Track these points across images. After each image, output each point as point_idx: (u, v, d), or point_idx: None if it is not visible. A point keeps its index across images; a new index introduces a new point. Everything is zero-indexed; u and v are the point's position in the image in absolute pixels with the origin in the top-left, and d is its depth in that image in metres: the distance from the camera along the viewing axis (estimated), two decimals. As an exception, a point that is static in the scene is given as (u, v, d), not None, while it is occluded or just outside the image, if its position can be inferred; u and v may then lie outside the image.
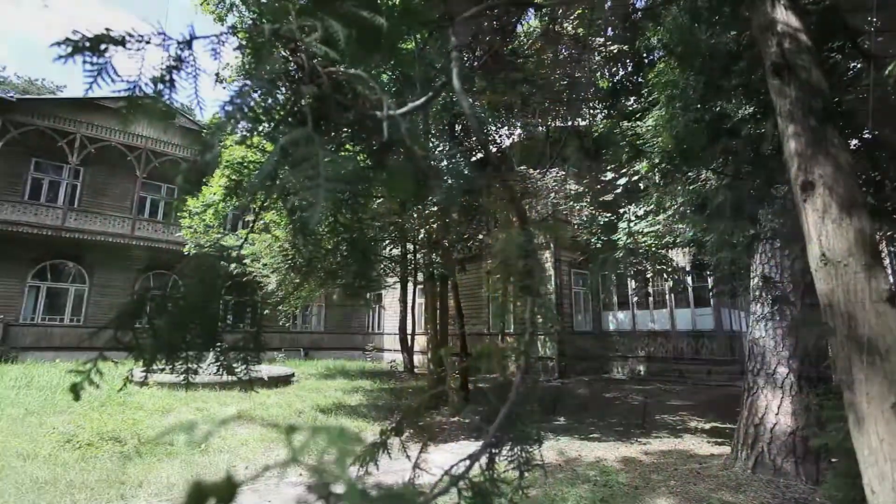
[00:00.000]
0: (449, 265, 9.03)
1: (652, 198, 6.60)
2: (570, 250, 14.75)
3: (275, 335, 19.17)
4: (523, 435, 1.16)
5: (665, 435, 6.79)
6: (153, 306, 0.75)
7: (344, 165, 0.55)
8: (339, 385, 11.60)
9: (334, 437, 0.39)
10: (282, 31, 0.70)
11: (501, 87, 3.96)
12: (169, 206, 19.17)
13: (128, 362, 0.70)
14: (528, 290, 1.05)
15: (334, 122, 0.79)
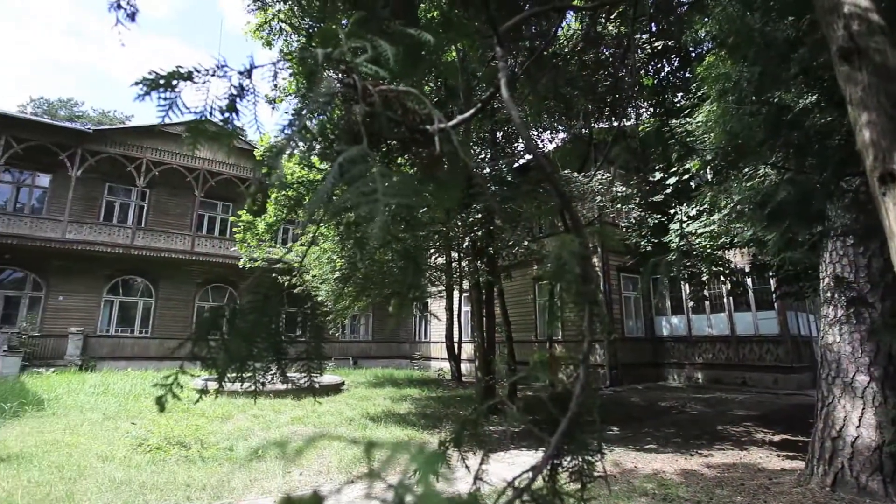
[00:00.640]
0: (494, 272, 8.98)
1: (705, 197, 6.30)
2: (619, 254, 14.31)
3: (325, 344, 19.73)
4: (584, 446, 1.13)
5: (729, 447, 6.40)
6: (224, 321, 0.79)
7: (399, 180, 0.56)
8: (387, 393, 11.75)
9: (416, 457, 0.40)
10: (333, 55, 0.73)
11: (544, 92, 3.93)
12: (224, 222, 20.25)
13: (193, 371, 0.75)
14: (584, 297, 1.03)
15: (385, 137, 0.81)
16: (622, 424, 7.93)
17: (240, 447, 6.13)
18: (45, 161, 16.80)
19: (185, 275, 18.71)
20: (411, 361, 21.76)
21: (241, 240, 12.64)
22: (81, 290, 17.11)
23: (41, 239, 15.75)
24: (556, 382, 1.15)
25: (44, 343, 15.76)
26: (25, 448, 5.88)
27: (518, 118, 0.83)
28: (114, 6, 2.09)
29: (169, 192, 19.21)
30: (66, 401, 9.50)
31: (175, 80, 0.72)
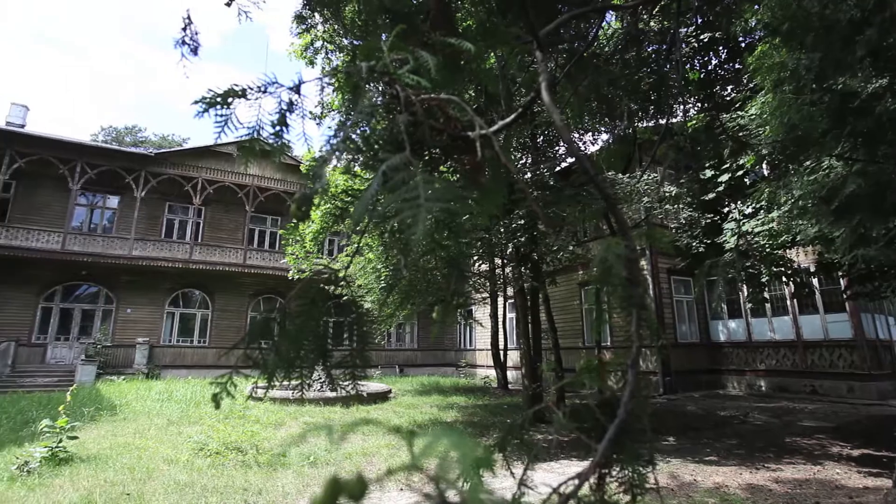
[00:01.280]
0: (539, 278, 8.85)
1: (762, 193, 5.94)
2: (669, 256, 13.74)
3: (371, 353, 20.10)
4: (634, 455, 1.09)
5: (800, 461, 5.95)
6: (274, 327, 0.82)
7: (442, 186, 0.57)
8: (434, 401, 11.78)
9: (455, 443, 0.40)
10: (377, 68, 0.75)
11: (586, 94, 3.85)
12: (273, 236, 21.11)
13: (249, 379, 0.78)
14: (631, 302, 0.99)
15: (428, 145, 0.82)
16: (678, 434, 7.56)
17: (292, 453, 6.32)
18: (114, 184, 18.18)
19: (238, 287, 19.64)
20: (457, 369, 21.74)
21: (289, 252, 13.14)
22: (146, 302, 18.31)
23: (112, 256, 17.00)
24: (604, 389, 1.11)
25: (115, 352, 16.95)
26: (102, 450, 6.33)
27: (560, 122, 0.82)
28: (179, 43, 2.25)
29: (222, 209, 20.29)
30: (136, 406, 10.15)
31: (230, 97, 0.77)
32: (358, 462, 6.15)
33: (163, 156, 18.85)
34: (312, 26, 7.56)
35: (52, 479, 5.11)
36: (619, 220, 1.15)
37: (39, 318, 16.93)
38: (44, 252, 16.10)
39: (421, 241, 0.48)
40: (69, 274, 17.26)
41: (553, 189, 7.28)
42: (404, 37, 0.97)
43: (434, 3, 1.54)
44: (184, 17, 2.24)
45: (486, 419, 9.18)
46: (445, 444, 0.43)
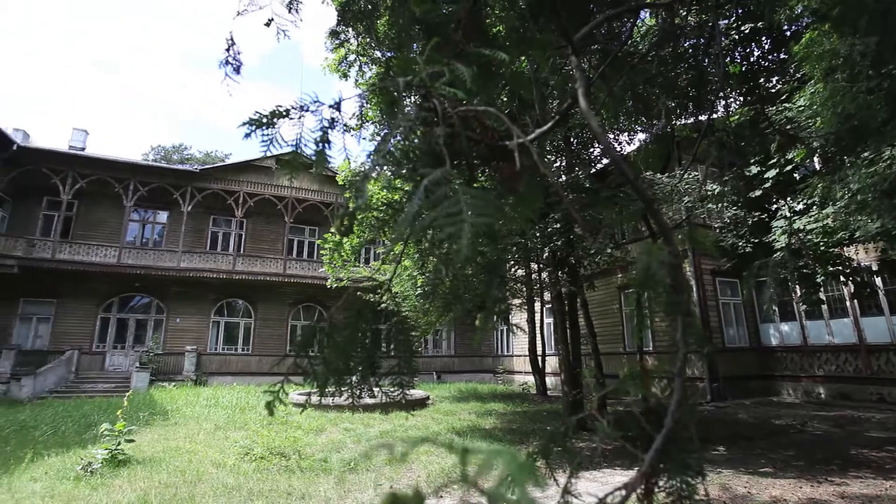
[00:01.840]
0: (576, 282, 8.69)
1: (814, 189, 5.62)
2: (713, 257, 13.19)
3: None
4: (682, 465, 1.05)
5: (868, 474, 5.54)
6: (322, 338, 0.84)
7: (482, 198, 0.57)
8: (472, 408, 11.73)
9: (509, 462, 0.40)
10: (414, 82, 0.77)
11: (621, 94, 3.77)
12: (312, 245, 21.69)
13: (291, 387, 0.81)
14: (676, 309, 0.96)
15: (466, 155, 0.83)
16: (729, 443, 7.20)
17: (333, 459, 6.43)
18: (163, 200, 19.20)
19: (278, 296, 20.27)
20: (494, 375, 21.58)
21: (328, 261, 13.46)
22: (194, 312, 19.17)
23: (162, 268, 17.92)
24: (649, 396, 1.08)
25: (166, 360, 17.80)
26: (155, 453, 6.64)
27: (597, 128, 0.80)
28: (223, 63, 2.38)
29: (263, 221, 21.04)
30: (185, 412, 10.60)
31: (276, 117, 0.80)
32: (397, 469, 6.19)
33: (207, 171, 19.75)
34: (346, 41, 7.76)
35: (112, 479, 5.40)
36: (659, 222, 1.12)
37: (99, 327, 18.02)
38: (102, 266, 17.16)
39: (466, 254, 0.48)
40: (124, 286, 18.31)
41: (589, 191, 7.15)
42: (438, 48, 0.99)
43: (465, 12, 1.55)
44: (227, 39, 2.36)
45: (526, 426, 9.05)
46: (494, 456, 0.43)
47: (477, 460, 0.46)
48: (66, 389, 14.95)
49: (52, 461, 6.23)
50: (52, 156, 17.51)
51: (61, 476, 5.52)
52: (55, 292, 17.44)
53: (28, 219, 18.06)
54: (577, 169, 9.17)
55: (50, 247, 16.83)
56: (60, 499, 4.80)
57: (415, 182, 0.67)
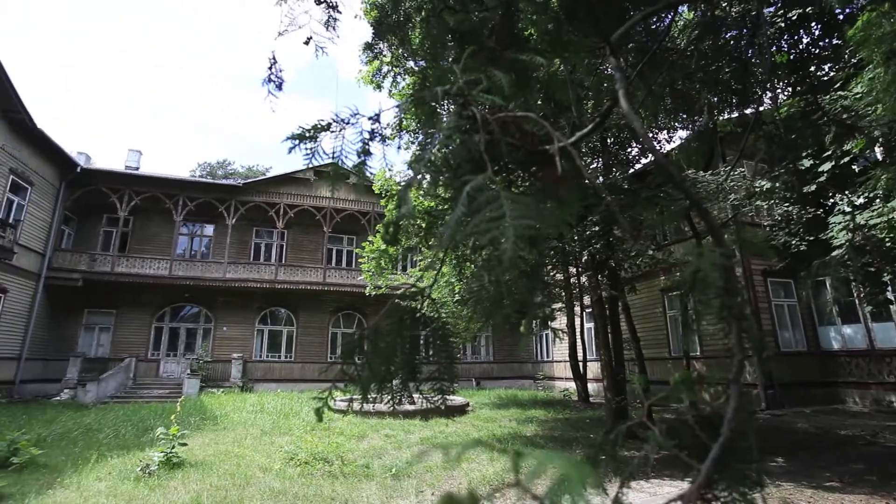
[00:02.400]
0: (617, 286, 8.46)
1: (878, 180, 5.24)
2: (763, 257, 12.54)
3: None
4: (740, 476, 1.00)
5: (948, 489, 5.08)
6: (367, 344, 0.86)
7: (524, 203, 0.57)
8: (512, 415, 11.59)
9: (564, 465, 0.39)
10: (452, 91, 0.78)
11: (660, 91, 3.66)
12: (350, 254, 22.17)
13: (334, 393, 0.82)
14: (729, 312, 0.91)
15: (506, 161, 0.83)
16: (788, 455, 6.79)
17: (375, 465, 6.49)
18: (209, 214, 20.13)
19: (319, 304, 20.77)
20: (535, 382, 21.27)
21: (365, 269, 13.69)
22: (239, 321, 19.92)
23: (209, 279, 18.75)
24: (702, 404, 1.04)
25: (214, 367, 18.55)
26: (207, 456, 6.91)
27: (641, 129, 0.78)
28: (265, 81, 2.50)
29: (302, 231, 21.68)
30: (233, 417, 10.99)
31: (318, 131, 0.83)
32: (438, 475, 6.18)
33: (249, 185, 20.57)
34: (380, 54, 7.93)
35: (168, 481, 5.66)
36: (708, 222, 1.07)
37: (153, 336, 19.03)
38: (155, 277, 18.15)
39: (511, 258, 0.48)
40: (175, 296, 19.27)
41: (628, 192, 6.96)
42: (473, 55, 0.99)
43: (497, 18, 1.55)
44: (269, 59, 2.48)
45: (568, 434, 8.86)
46: (548, 460, 0.42)
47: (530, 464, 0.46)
48: (125, 395, 15.84)
49: (115, 462, 6.59)
50: (110, 176, 18.76)
51: (122, 476, 5.83)
52: (114, 303, 18.58)
53: (90, 235, 19.38)
54: (615, 170, 8.97)
55: (109, 261, 17.97)
56: (122, 498, 5.08)
57: (456, 189, 0.67)
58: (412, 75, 7.33)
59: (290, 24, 3.06)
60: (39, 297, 16.59)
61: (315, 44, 3.07)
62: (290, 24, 3.05)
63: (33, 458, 6.36)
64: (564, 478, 0.45)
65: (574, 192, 1.01)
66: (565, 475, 0.45)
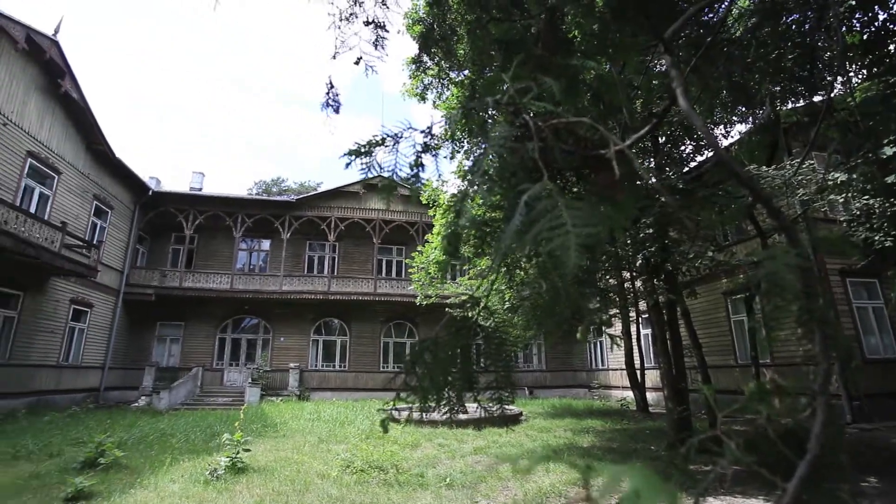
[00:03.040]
0: (675, 290, 8.06)
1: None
2: (840, 256, 11.54)
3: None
4: (831, 497, 0.92)
5: None
6: (425, 355, 0.87)
7: (584, 210, 0.56)
8: (567, 424, 11.28)
9: (637, 479, 0.37)
10: (503, 101, 0.78)
11: (716, 85, 3.47)
12: (399, 264, 22.57)
13: (385, 402, 0.83)
14: (811, 317, 0.85)
15: (561, 168, 0.82)
16: (882, 474, 6.16)
17: (429, 474, 6.50)
18: (266, 229, 21.16)
19: (370, 314, 21.24)
20: (589, 391, 20.61)
21: (415, 279, 13.86)
22: (295, 331, 20.72)
23: (267, 291, 19.67)
24: (782, 416, 0.96)
25: (273, 376, 19.36)
26: (268, 462, 7.19)
27: (705, 129, 0.75)
28: (324, 105, 2.62)
29: (353, 243, 22.31)
30: (292, 425, 11.38)
31: (373, 146, 0.86)
32: (493, 485, 6.10)
33: (302, 201, 21.46)
34: (426, 68, 8.08)
35: (234, 484, 5.93)
36: (779, 220, 1.00)
37: (217, 346, 20.16)
38: (218, 291, 19.28)
39: (574, 267, 0.47)
40: (236, 309, 20.35)
41: (683, 192, 6.64)
42: (521, 64, 0.99)
43: (543, 24, 1.54)
44: (326, 83, 2.60)
45: (627, 445, 8.50)
46: (621, 473, 0.40)
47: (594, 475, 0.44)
48: (194, 402, 16.82)
49: (186, 465, 7.00)
50: (177, 197, 20.21)
51: (193, 479, 6.18)
52: (183, 316, 19.89)
53: (160, 253, 20.92)
54: (668, 169, 8.60)
55: (178, 276, 19.30)
56: (194, 500, 5.38)
57: (512, 198, 0.67)
58: (457, 86, 7.41)
59: (342, 45, 3.19)
60: (119, 311, 18.08)
61: (365, 63, 3.19)
62: (341, 45, 3.19)
63: (117, 460, 6.87)
64: (637, 493, 0.43)
65: (631, 196, 0.98)
66: (638, 490, 0.43)
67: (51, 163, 14.42)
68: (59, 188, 14.82)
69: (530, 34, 1.77)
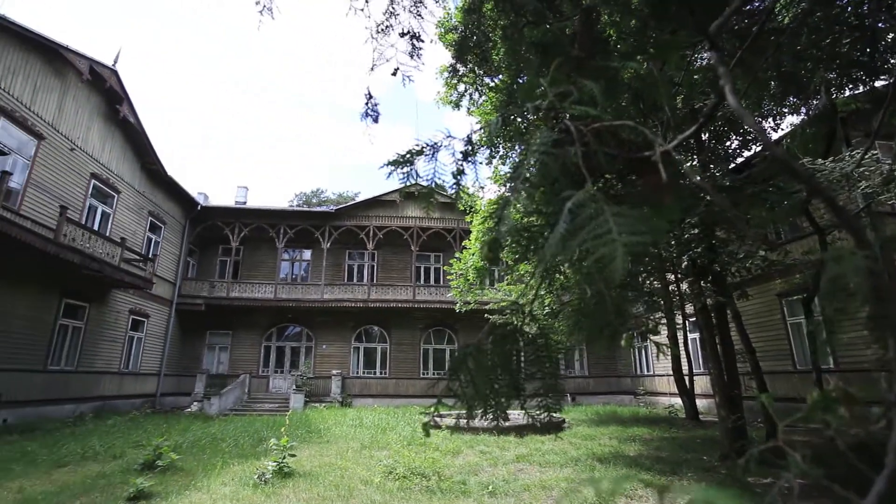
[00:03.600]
0: (724, 292, 7.70)
1: None
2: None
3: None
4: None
5: None
6: (469, 362, 0.87)
7: (631, 217, 0.54)
8: (612, 432, 10.94)
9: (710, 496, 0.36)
10: (542, 106, 0.77)
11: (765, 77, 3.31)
12: (437, 271, 22.70)
13: (425, 408, 0.83)
14: (883, 322, 0.79)
15: (603, 172, 0.80)
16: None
17: (471, 482, 6.45)
18: (307, 239, 21.80)
19: (410, 321, 21.43)
20: (635, 397, 19.95)
21: (454, 286, 13.88)
22: (336, 339, 21.17)
23: (309, 300, 20.22)
24: (851, 427, 0.90)
25: (316, 383, 19.83)
26: (313, 467, 7.34)
27: (756, 125, 0.71)
28: (363, 115, 2.70)
29: (391, 251, 22.63)
30: (335, 431, 11.59)
31: (412, 156, 0.87)
32: (536, 494, 5.99)
33: (341, 211, 21.99)
34: (462, 76, 8.14)
35: (280, 489, 6.10)
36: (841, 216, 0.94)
37: (263, 354, 20.87)
38: (263, 301, 19.99)
39: (621, 275, 0.46)
40: (280, 317, 21.02)
41: (730, 189, 6.35)
42: (560, 67, 0.98)
43: (579, 26, 1.52)
44: (365, 94, 2.68)
45: (677, 455, 8.14)
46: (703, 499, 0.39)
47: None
48: (242, 408, 17.45)
49: (236, 469, 7.25)
50: (223, 211, 21.18)
51: (243, 483, 6.39)
52: (230, 325, 20.74)
53: (209, 265, 21.95)
54: (711, 166, 8.26)
55: (225, 287, 20.16)
56: (244, 503, 5.57)
57: (555, 205, 0.66)
58: (492, 91, 7.41)
59: (380, 57, 3.27)
60: (172, 321, 19.08)
61: (401, 73, 3.26)
62: (379, 57, 3.27)
63: (173, 462, 7.21)
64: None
65: (678, 198, 0.95)
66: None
67: (111, 183, 15.46)
68: (119, 206, 15.87)
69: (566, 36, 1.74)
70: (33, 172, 12.29)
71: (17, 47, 11.90)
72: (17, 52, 11.90)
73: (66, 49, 12.98)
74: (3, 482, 6.45)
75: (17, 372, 11.96)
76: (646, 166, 0.74)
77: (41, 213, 12.32)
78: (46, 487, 6.24)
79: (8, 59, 11.64)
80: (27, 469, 7.25)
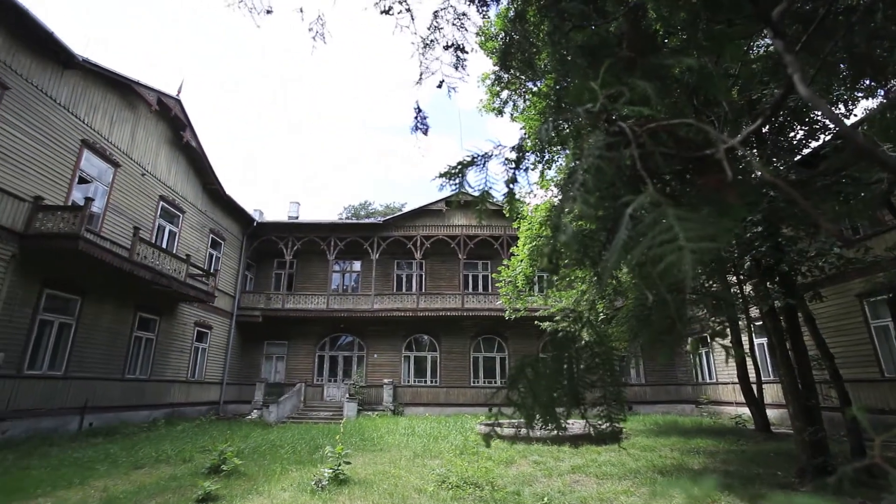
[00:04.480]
0: (793, 294, 7.16)
1: None
2: None
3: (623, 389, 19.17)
4: None
5: None
6: (528, 371, 0.86)
7: (698, 221, 0.52)
8: (673, 444, 10.40)
9: None
10: (594, 109, 0.76)
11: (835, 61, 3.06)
12: (485, 279, 22.64)
13: (476, 417, 0.82)
14: None
15: (661, 173, 0.77)
16: None
17: (526, 492, 6.33)
18: (356, 251, 22.38)
19: (459, 329, 21.44)
20: (696, 406, 18.88)
21: (503, 293, 13.77)
22: (388, 348, 21.51)
23: (360, 311, 20.70)
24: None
25: (368, 392, 20.20)
26: (367, 475, 7.46)
27: (831, 114, 0.66)
28: (413, 129, 2.77)
29: (439, 260, 22.79)
30: (388, 439, 11.73)
31: (463, 167, 0.88)
32: (596, 509, 5.78)
33: (388, 222, 22.44)
34: (505, 84, 8.13)
35: (337, 495, 6.23)
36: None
37: (317, 364, 21.54)
38: (316, 311, 20.68)
39: (692, 280, 0.44)
40: (332, 328, 21.64)
41: (797, 183, 5.93)
42: (610, 68, 0.96)
43: (627, 24, 1.48)
44: (414, 108, 2.75)
45: (747, 469, 7.61)
46: None
47: None
48: (298, 416, 18.05)
49: (294, 475, 7.50)
50: (277, 226, 22.19)
51: (300, 488, 6.59)
52: (286, 335, 21.59)
53: (265, 278, 23.02)
54: (774, 159, 7.75)
55: (280, 299, 21.05)
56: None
57: (614, 210, 0.64)
58: (536, 96, 7.34)
59: (425, 70, 3.35)
60: (233, 332, 20.14)
61: (447, 85, 3.32)
62: (425, 71, 3.34)
63: (236, 467, 7.56)
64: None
65: (744, 196, 0.90)
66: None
67: (177, 203, 16.63)
68: (184, 225, 17.03)
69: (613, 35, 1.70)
70: (111, 197, 13.46)
71: (99, 86, 13.16)
72: (98, 90, 13.15)
73: (137, 84, 14.17)
74: (91, 481, 7.02)
75: (101, 380, 13.05)
76: (708, 165, 0.70)
77: (118, 234, 13.43)
78: (126, 487, 6.72)
79: (91, 97, 12.90)
80: (110, 469, 7.85)
